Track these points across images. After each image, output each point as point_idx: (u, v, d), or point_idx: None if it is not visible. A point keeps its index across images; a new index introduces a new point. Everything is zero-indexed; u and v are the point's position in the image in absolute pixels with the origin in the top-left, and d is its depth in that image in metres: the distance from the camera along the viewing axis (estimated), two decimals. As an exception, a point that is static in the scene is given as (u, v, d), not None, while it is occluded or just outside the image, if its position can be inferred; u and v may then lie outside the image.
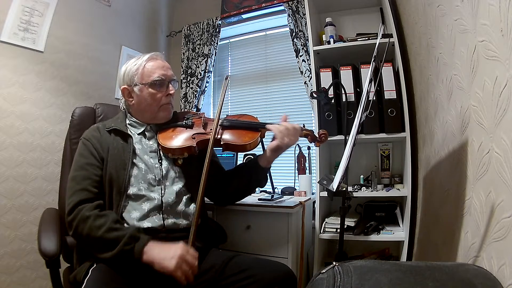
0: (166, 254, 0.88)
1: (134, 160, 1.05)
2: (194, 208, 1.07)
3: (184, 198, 1.07)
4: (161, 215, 1.01)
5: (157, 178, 1.05)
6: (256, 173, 1.14)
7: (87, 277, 0.88)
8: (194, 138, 1.08)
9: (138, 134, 1.11)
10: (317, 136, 1.16)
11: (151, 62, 1.10)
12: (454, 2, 0.85)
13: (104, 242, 0.89)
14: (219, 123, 1.12)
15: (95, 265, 0.92)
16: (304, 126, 1.15)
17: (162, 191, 1.03)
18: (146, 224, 0.98)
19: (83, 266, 0.95)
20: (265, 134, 1.14)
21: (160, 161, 1.08)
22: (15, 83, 1.63)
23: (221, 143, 1.09)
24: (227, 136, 1.11)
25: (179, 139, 1.09)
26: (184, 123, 1.15)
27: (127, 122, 1.13)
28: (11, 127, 1.61)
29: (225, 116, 1.20)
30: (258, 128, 1.12)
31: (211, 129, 1.09)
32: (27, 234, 1.63)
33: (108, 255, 0.88)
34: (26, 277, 1.63)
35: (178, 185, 1.07)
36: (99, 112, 1.37)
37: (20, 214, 1.63)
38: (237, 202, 1.47)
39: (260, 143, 1.29)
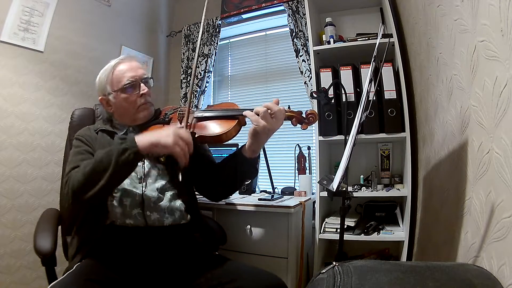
0: (159, 134, 0.89)
1: None
2: (180, 204, 1.05)
3: (168, 194, 1.05)
4: (143, 212, 0.99)
5: (139, 176, 1.04)
6: (241, 164, 1.07)
7: (69, 270, 0.87)
8: None
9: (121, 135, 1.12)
10: (305, 117, 1.03)
11: (119, 66, 1.10)
12: (454, 2, 0.85)
13: (99, 166, 0.87)
14: (194, 116, 1.08)
15: (82, 261, 0.92)
16: (289, 108, 1.04)
17: (144, 188, 1.02)
18: (128, 221, 0.97)
19: (73, 262, 0.95)
20: (246, 121, 1.06)
21: (143, 159, 1.06)
22: (15, 83, 1.63)
23: (196, 136, 1.03)
24: (201, 128, 1.05)
25: None
26: (161, 120, 1.13)
27: (112, 125, 1.15)
28: (11, 127, 1.61)
29: (206, 107, 1.16)
30: (236, 116, 1.04)
31: (188, 123, 1.05)
32: (27, 234, 1.63)
33: (109, 172, 0.86)
34: (26, 277, 1.63)
35: (161, 182, 1.05)
36: (98, 112, 1.37)
37: (20, 214, 1.63)
38: (237, 202, 1.48)
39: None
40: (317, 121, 1.05)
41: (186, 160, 0.90)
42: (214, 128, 1.04)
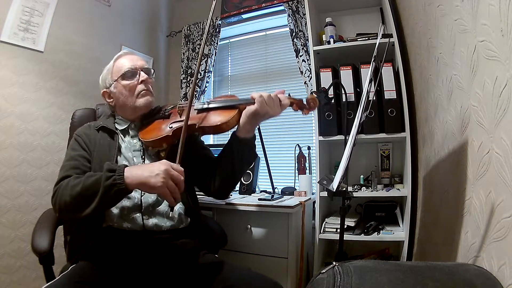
0: (150, 172, 0.84)
1: (118, 157, 1.05)
2: (180, 207, 1.04)
3: None
4: (141, 216, 0.98)
5: None
6: (236, 144, 1.04)
7: (64, 272, 0.87)
8: (171, 128, 1.05)
9: (122, 131, 1.11)
10: (306, 103, 1.03)
11: (119, 59, 1.14)
12: (454, 2, 0.85)
13: (86, 193, 0.85)
14: (195, 108, 1.06)
15: (77, 263, 0.92)
16: (289, 95, 1.03)
17: (143, 191, 1.00)
18: (125, 224, 0.96)
19: (69, 263, 0.95)
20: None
21: (143, 157, 1.07)
22: (15, 83, 1.63)
23: (196, 127, 1.02)
24: (201, 119, 1.04)
25: (157, 130, 1.07)
26: (161, 115, 1.12)
27: (115, 120, 1.15)
28: (11, 127, 1.61)
29: (207, 101, 1.15)
30: (236, 105, 1.04)
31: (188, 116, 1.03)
32: (27, 234, 1.62)
33: (94, 204, 0.84)
34: (26, 277, 1.63)
35: None
36: (99, 113, 1.37)
37: (20, 214, 1.63)
38: (237, 202, 1.48)
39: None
40: (317, 107, 1.05)
41: (177, 200, 0.86)
42: (215, 118, 1.03)
